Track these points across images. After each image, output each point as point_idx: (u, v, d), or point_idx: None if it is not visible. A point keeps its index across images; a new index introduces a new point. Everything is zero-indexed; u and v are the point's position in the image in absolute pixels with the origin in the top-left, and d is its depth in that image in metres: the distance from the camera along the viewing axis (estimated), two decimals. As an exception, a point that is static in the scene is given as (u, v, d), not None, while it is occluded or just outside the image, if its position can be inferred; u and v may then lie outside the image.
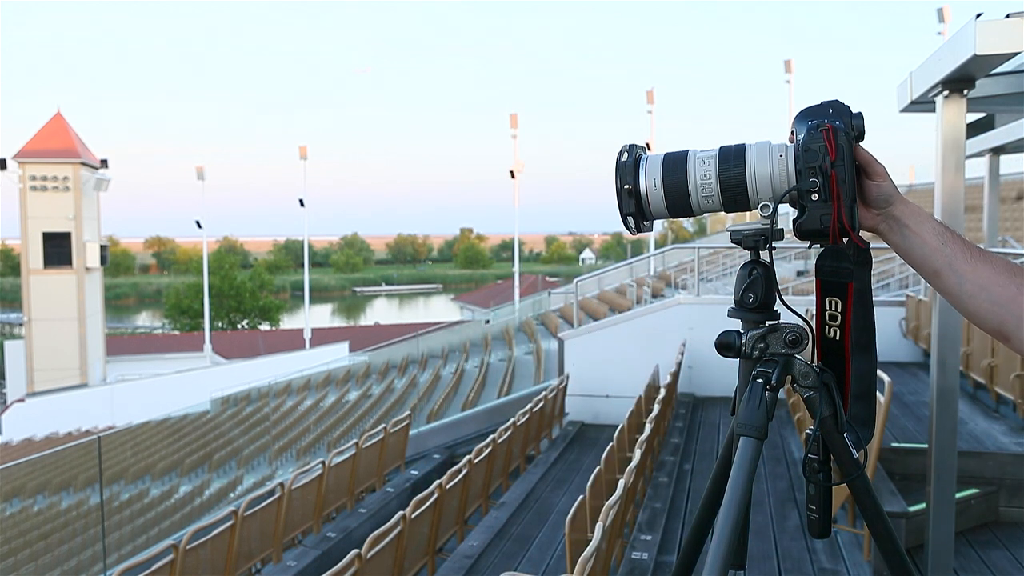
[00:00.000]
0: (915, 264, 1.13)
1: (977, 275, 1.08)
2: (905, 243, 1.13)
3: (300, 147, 36.23)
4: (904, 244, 1.13)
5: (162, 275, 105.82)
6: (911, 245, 1.12)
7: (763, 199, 1.10)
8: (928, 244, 1.11)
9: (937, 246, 1.10)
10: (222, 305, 53.74)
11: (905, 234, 1.12)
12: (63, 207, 31.22)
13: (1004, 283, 1.07)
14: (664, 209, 1.14)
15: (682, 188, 1.12)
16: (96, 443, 14.54)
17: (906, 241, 1.12)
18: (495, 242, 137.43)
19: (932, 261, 1.11)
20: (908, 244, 1.12)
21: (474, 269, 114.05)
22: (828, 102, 1.09)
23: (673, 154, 1.14)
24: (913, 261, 1.13)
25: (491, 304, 36.11)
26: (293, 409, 18.97)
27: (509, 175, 30.29)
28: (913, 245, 1.12)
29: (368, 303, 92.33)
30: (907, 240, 1.12)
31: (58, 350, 30.85)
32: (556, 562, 5.50)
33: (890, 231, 1.13)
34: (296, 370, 22.62)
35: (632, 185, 1.13)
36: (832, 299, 1.16)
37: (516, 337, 20.25)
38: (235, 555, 5.54)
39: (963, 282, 1.09)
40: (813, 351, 1.23)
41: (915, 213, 1.12)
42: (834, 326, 1.16)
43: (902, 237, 1.12)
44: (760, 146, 1.11)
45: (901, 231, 1.12)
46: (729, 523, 1.13)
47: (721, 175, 1.11)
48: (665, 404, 7.21)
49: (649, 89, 29.04)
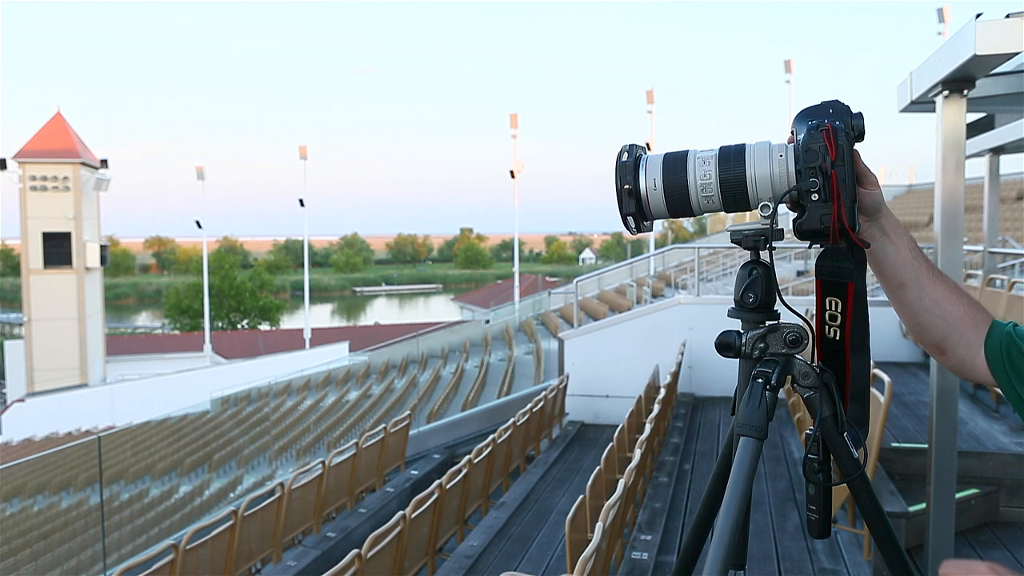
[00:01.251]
0: (885, 273, 1.18)
1: (936, 291, 1.16)
2: (881, 252, 1.17)
3: (300, 147, 36.27)
4: (880, 253, 1.17)
5: (162, 275, 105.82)
6: (886, 254, 1.17)
7: (763, 199, 1.10)
8: (902, 256, 1.16)
9: (909, 259, 1.16)
10: (222, 305, 53.74)
11: (884, 243, 1.17)
12: (63, 207, 31.22)
13: (955, 302, 1.16)
14: (664, 209, 1.14)
15: (682, 188, 1.12)
16: (96, 443, 14.53)
17: (883, 250, 1.17)
18: (495, 242, 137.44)
19: (902, 273, 1.17)
20: (884, 253, 1.17)
21: (474, 269, 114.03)
22: (828, 102, 1.09)
23: (673, 154, 1.14)
24: (884, 270, 1.18)
25: (491, 304, 36.09)
26: (293, 409, 18.97)
27: (509, 175, 30.30)
28: (888, 254, 1.17)
29: (368, 303, 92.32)
30: (884, 249, 1.17)
31: (58, 350, 30.85)
32: (556, 562, 5.50)
33: (871, 238, 1.16)
34: (296, 370, 22.61)
35: (632, 185, 1.13)
36: (832, 299, 1.16)
37: (516, 337, 20.25)
38: (235, 555, 5.54)
39: (923, 296, 1.16)
40: (813, 351, 1.23)
41: (896, 225, 1.17)
42: (834, 326, 1.17)
43: (881, 246, 1.17)
44: (760, 146, 1.11)
45: (882, 240, 1.17)
46: (729, 523, 1.13)
47: (721, 175, 1.11)
48: (665, 404, 7.21)
49: (649, 89, 29.08)
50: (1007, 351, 1.12)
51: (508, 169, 30.42)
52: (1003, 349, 1.13)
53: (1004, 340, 1.13)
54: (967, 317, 1.15)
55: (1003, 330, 1.14)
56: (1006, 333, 1.14)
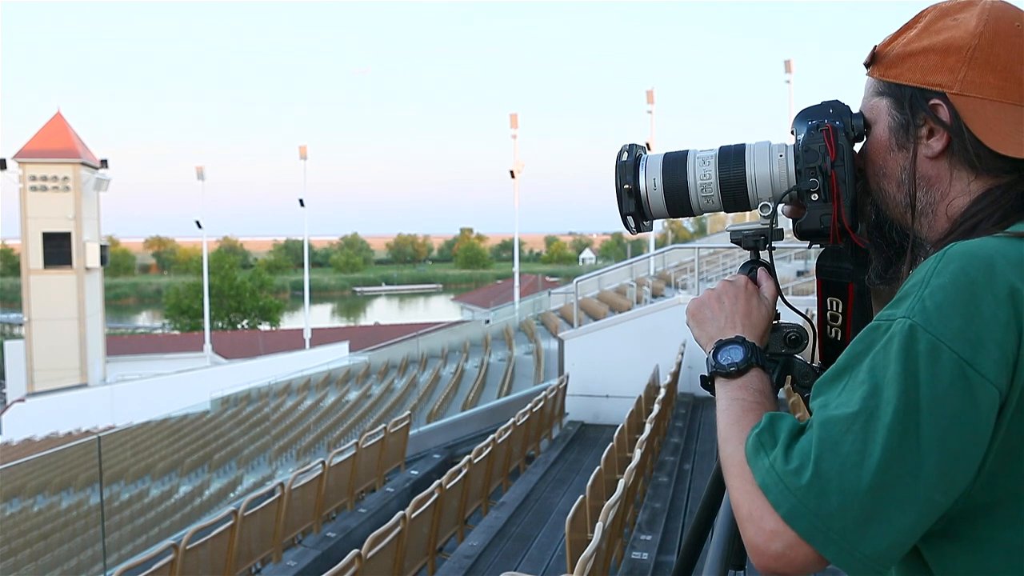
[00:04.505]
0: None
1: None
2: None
3: (300, 147, 36.21)
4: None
5: (162, 275, 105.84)
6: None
7: (763, 199, 1.10)
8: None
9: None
10: (222, 305, 53.74)
11: None
12: (63, 207, 31.21)
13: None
14: (664, 209, 1.14)
15: (682, 188, 1.12)
16: (96, 443, 14.52)
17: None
18: (495, 242, 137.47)
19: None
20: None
21: (474, 269, 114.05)
22: (828, 102, 1.09)
23: (673, 154, 1.14)
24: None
25: (491, 304, 36.07)
26: (293, 409, 18.97)
27: (509, 175, 30.29)
28: None
29: (368, 303, 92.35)
30: None
31: (58, 350, 30.84)
32: (556, 562, 5.51)
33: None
34: (296, 370, 22.60)
35: (632, 185, 1.13)
36: (833, 299, 1.16)
37: (516, 337, 20.24)
38: (235, 555, 5.54)
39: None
40: (813, 351, 1.23)
41: None
42: (835, 326, 1.16)
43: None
44: (760, 146, 1.11)
45: None
46: (729, 523, 1.13)
47: (721, 175, 1.11)
48: (665, 404, 7.21)
49: (649, 89, 29.06)
50: None
51: (508, 169, 30.40)
52: None
53: None
54: None
55: None
56: None
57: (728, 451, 0.93)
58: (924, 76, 0.99)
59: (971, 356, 0.80)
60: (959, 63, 0.97)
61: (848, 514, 0.79)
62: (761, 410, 0.95)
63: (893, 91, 1.03)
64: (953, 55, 0.98)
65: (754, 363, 1.01)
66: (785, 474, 0.82)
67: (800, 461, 0.82)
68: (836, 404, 0.85)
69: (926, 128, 1.00)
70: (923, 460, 0.79)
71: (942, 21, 1.01)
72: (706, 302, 1.12)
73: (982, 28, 0.97)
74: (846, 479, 0.79)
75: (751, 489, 0.85)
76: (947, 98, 0.97)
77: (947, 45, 0.98)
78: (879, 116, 1.05)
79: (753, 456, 0.87)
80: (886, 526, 0.80)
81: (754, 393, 0.98)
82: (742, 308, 1.10)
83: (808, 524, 0.80)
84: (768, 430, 0.88)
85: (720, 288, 1.13)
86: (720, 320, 1.09)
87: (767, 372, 1.03)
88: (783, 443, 0.85)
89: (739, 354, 1.02)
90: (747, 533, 0.85)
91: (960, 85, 0.97)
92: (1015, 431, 0.83)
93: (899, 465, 0.79)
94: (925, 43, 1.00)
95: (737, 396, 0.98)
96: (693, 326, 1.13)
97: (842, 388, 0.86)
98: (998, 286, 0.83)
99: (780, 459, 0.84)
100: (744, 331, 1.07)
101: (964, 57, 0.97)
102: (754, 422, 0.92)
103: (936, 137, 0.99)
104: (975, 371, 0.80)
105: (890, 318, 0.86)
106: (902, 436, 0.79)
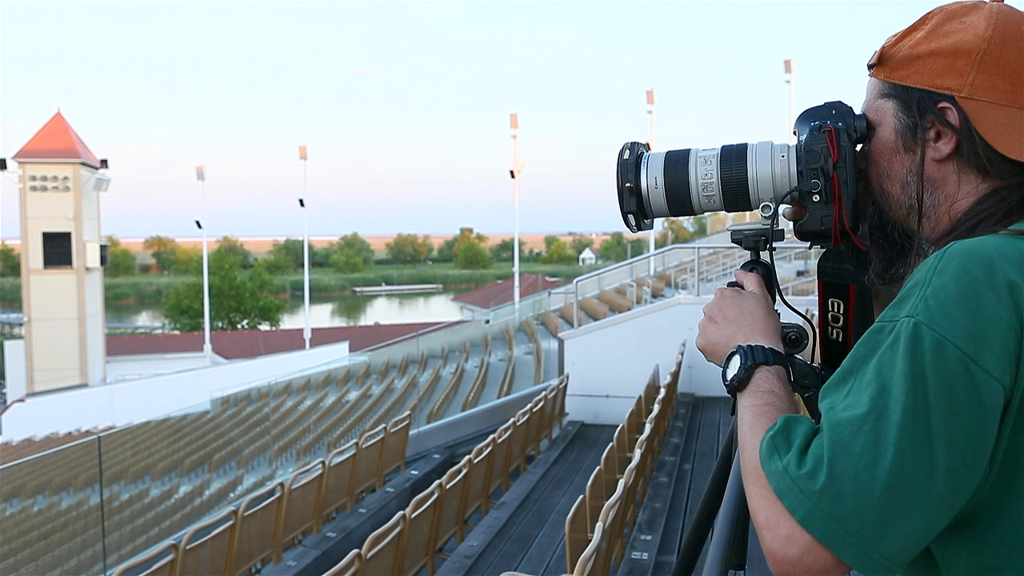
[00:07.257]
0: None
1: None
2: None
3: (300, 147, 36.21)
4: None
5: (162, 275, 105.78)
6: None
7: (764, 199, 1.10)
8: None
9: None
10: (222, 305, 53.71)
11: None
12: (63, 207, 31.19)
13: None
14: (665, 208, 1.14)
15: (683, 187, 1.12)
16: (96, 443, 14.51)
17: None
18: (495, 242, 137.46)
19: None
20: None
21: (474, 269, 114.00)
22: (831, 103, 1.09)
23: (675, 152, 1.14)
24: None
25: (491, 304, 36.07)
26: (293, 409, 18.96)
27: (509, 175, 30.29)
28: None
29: (368, 303, 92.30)
30: None
31: (58, 350, 30.83)
32: (556, 562, 5.51)
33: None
34: (296, 370, 22.59)
35: (633, 183, 1.13)
36: (834, 300, 1.16)
37: (516, 337, 20.23)
38: (235, 555, 5.54)
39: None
40: (813, 351, 1.23)
41: None
42: (837, 327, 1.16)
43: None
44: (762, 146, 1.11)
45: None
46: (729, 523, 1.13)
47: (723, 174, 1.11)
48: (665, 404, 7.21)
49: (649, 89, 29.06)
50: None
51: (508, 169, 30.40)
52: None
53: None
54: None
55: None
56: None
57: (745, 458, 0.93)
58: (932, 79, 0.99)
59: (975, 353, 0.81)
60: (968, 67, 0.97)
61: (865, 516, 0.79)
62: (773, 411, 0.95)
63: (900, 93, 1.02)
64: (962, 58, 0.97)
65: (754, 364, 1.01)
66: (799, 478, 0.82)
67: (813, 464, 0.82)
68: (844, 406, 0.85)
69: (934, 131, 1.00)
70: (935, 457, 0.79)
71: (950, 24, 1.00)
72: (704, 330, 1.14)
73: (991, 32, 0.97)
74: (861, 480, 0.79)
75: (767, 495, 0.85)
76: (956, 101, 0.97)
77: (956, 48, 0.98)
78: (884, 118, 1.04)
79: (767, 460, 0.87)
80: (903, 525, 0.80)
81: (763, 395, 0.98)
82: (732, 314, 1.10)
83: (825, 528, 0.80)
84: (782, 433, 0.88)
85: (705, 311, 1.15)
86: (719, 339, 1.10)
87: (773, 364, 1.02)
88: (797, 447, 0.85)
89: (736, 364, 1.02)
90: (764, 539, 0.85)
91: (969, 89, 0.97)
92: (1020, 428, 0.83)
93: (912, 463, 0.79)
94: (933, 46, 1.00)
95: (748, 403, 0.98)
96: (712, 360, 1.13)
97: (848, 390, 0.86)
98: (998, 283, 0.83)
99: (794, 463, 0.84)
100: (740, 335, 1.07)
101: (973, 61, 0.97)
102: (767, 425, 0.91)
103: (944, 140, 0.99)
104: (979, 367, 0.81)
105: (893, 319, 0.87)
106: (913, 434, 0.79)
